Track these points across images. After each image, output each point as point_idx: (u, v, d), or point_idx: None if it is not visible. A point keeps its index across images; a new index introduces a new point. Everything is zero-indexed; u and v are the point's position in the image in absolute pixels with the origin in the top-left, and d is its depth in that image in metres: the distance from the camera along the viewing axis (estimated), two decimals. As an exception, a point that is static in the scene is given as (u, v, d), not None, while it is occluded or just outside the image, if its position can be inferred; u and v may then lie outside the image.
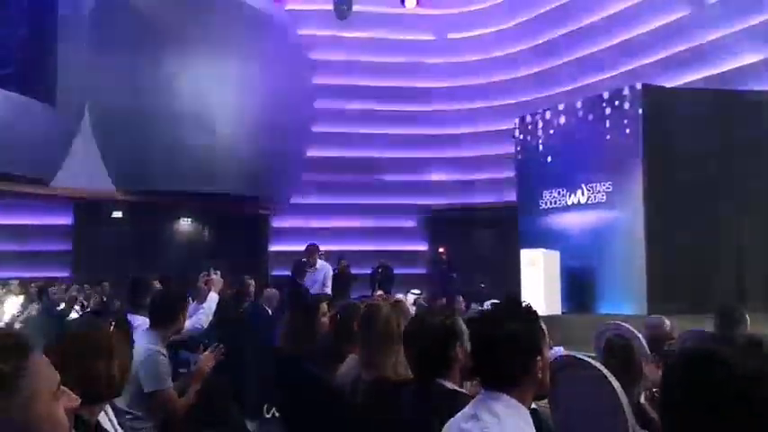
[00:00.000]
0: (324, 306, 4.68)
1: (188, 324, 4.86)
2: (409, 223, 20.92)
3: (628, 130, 12.15)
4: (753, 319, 5.21)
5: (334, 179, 20.29)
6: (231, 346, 4.81)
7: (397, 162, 20.83)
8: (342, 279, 12.51)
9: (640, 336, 4.34)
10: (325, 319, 4.49)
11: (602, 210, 12.49)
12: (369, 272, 16.52)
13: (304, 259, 9.50)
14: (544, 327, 2.28)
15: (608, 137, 12.44)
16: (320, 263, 9.64)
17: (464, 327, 2.77)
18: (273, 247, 19.82)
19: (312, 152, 20.12)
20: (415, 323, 2.91)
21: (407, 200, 20.66)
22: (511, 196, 15.43)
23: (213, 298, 5.63)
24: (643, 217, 11.76)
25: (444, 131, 21.03)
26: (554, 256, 12.17)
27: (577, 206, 12.88)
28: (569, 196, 13.05)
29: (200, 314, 5.45)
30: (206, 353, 4.43)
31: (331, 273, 9.80)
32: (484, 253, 18.79)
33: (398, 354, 3.17)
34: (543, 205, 13.49)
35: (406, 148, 20.97)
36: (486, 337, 2.22)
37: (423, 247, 20.78)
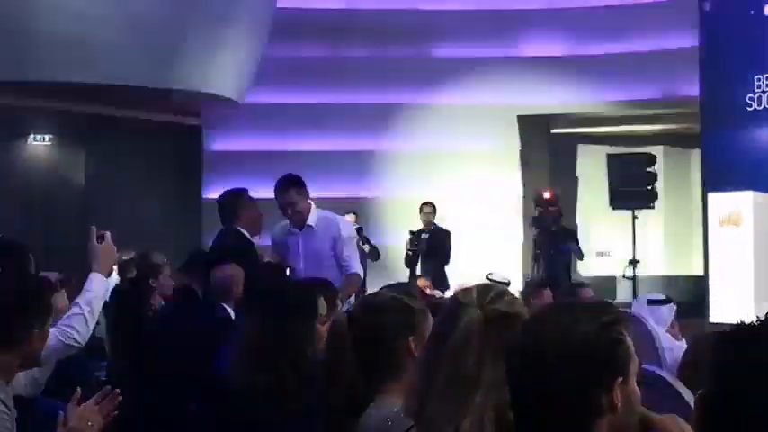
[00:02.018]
0: (323, 303, 3.77)
1: (51, 339, 3.67)
2: (483, 144, 15.20)
3: None
4: None
5: (333, 55, 14.77)
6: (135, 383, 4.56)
7: (461, 20, 14.98)
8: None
9: None
10: (325, 330, 3.51)
11: None
12: (401, 241, 12.98)
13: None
14: None
15: None
16: (321, 215, 6.97)
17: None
18: (212, 192, 14.34)
19: (289, 0, 14.18)
20: (528, 334, 1.93)
21: (480, 97, 14.91)
22: (687, 89, 12.69)
23: (98, 282, 4.09)
24: None
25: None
26: (778, 207, 10.54)
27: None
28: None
29: (74, 316, 4.01)
30: (87, 403, 3.27)
31: (353, 232, 7.39)
32: (633, 200, 13.89)
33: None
34: (754, 105, 10.81)
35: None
36: None
37: (511, 190, 15.50)
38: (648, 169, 14.40)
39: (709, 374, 1.79)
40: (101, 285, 4.25)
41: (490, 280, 8.12)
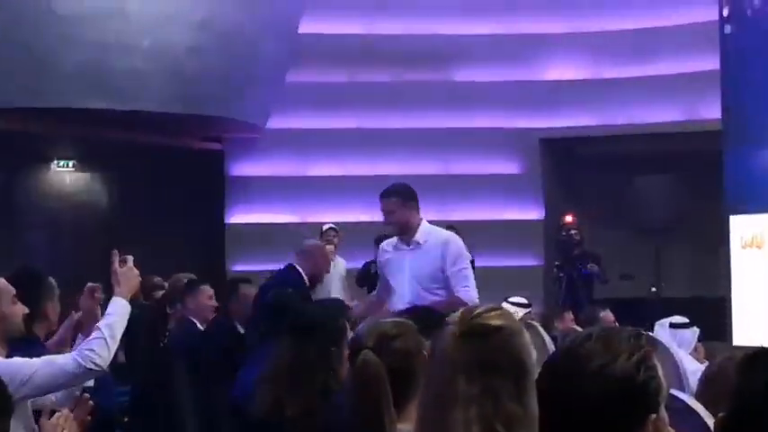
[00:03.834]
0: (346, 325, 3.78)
1: (71, 364, 3.85)
2: (507, 166, 15.19)
3: None
4: None
5: (356, 80, 14.54)
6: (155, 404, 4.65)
7: (481, 43, 14.90)
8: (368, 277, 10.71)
9: None
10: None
11: None
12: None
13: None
14: None
15: None
16: (430, 231, 6.27)
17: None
18: (235, 217, 14.43)
19: (309, 26, 14.07)
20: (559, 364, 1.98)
21: (503, 121, 14.90)
22: (710, 112, 12.49)
23: (120, 306, 4.11)
24: None
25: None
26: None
27: None
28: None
29: (95, 340, 3.98)
30: (61, 412, 3.27)
31: (463, 249, 6.39)
32: (653, 224, 13.98)
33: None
34: (777, 127, 10.70)
35: (497, 14, 14.57)
36: None
37: (532, 213, 15.25)
38: (671, 191, 14.27)
39: (734, 397, 1.77)
40: (122, 309, 4.18)
41: (510, 303, 7.85)
